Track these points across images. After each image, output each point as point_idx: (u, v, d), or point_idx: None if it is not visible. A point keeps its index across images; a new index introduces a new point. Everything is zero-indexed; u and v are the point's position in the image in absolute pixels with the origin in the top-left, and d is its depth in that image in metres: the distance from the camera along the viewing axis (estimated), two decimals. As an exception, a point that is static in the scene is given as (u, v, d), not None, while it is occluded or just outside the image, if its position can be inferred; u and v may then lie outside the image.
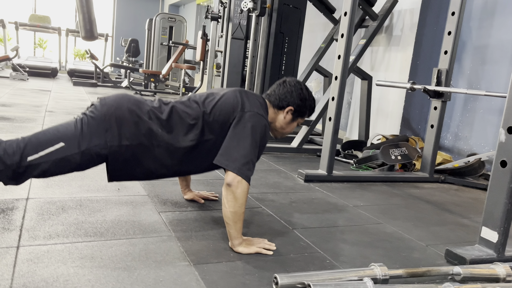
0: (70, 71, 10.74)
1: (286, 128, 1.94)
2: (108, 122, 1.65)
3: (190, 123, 1.76)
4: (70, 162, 1.62)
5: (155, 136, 1.71)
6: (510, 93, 1.77)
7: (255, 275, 1.52)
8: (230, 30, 5.85)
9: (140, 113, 1.71)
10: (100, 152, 1.65)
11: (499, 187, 1.81)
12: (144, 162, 1.73)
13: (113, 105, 1.69)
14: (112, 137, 1.65)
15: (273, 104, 1.89)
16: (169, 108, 1.77)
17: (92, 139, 1.63)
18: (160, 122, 1.73)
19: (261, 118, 1.76)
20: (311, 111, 1.96)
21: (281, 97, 1.88)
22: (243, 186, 1.64)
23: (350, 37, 2.92)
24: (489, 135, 3.76)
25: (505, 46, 3.64)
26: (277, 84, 1.92)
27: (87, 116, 1.68)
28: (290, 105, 1.88)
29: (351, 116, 5.08)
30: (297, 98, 1.88)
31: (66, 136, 1.62)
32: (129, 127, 1.67)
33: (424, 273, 1.63)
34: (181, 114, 1.77)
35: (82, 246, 1.60)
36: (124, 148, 1.67)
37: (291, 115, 1.90)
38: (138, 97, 1.80)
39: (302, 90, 1.90)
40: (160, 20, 10.16)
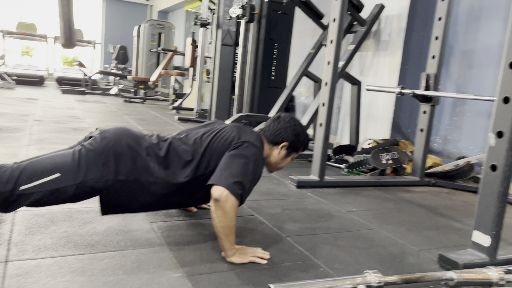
0: (58, 78, 10.65)
1: (281, 163, 1.95)
2: (106, 156, 1.63)
3: (187, 160, 1.76)
4: (63, 194, 1.59)
5: (152, 174, 1.70)
6: (498, 98, 1.79)
7: (249, 285, 1.51)
8: (219, 37, 5.85)
9: (138, 149, 1.70)
10: (95, 185, 1.62)
11: (490, 191, 1.83)
12: (139, 197, 1.72)
13: (112, 140, 1.67)
14: (109, 171, 1.63)
15: (268, 139, 1.91)
16: (167, 145, 1.78)
17: (88, 172, 1.61)
18: (158, 159, 1.73)
19: (256, 150, 1.78)
20: (305, 146, 1.99)
21: (276, 133, 1.90)
22: (232, 201, 1.61)
23: (339, 43, 2.94)
24: (478, 138, 3.80)
25: (491, 50, 3.69)
26: (272, 119, 1.95)
27: (85, 148, 1.65)
28: (284, 141, 1.90)
29: (341, 121, 5.11)
30: (292, 134, 1.90)
31: (62, 167, 1.59)
32: (126, 162, 1.66)
33: (418, 279, 1.62)
34: (178, 151, 1.78)
35: (72, 260, 1.57)
36: (119, 183, 1.65)
37: (286, 151, 1.92)
38: (137, 132, 1.80)
39: (296, 126, 1.92)
40: (148, 26, 10.14)
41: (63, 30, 2.76)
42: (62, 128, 4.55)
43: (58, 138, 3.96)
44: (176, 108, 7.43)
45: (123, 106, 7.66)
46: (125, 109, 7.18)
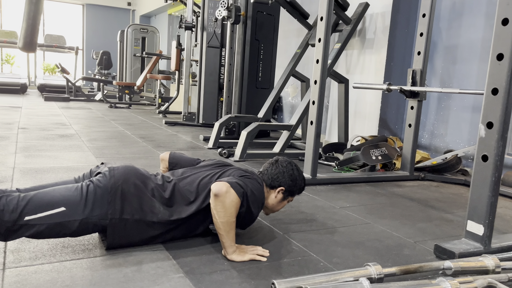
0: (40, 86, 10.48)
1: (277, 206, 1.97)
2: (113, 195, 1.63)
3: (191, 200, 1.78)
4: (66, 228, 1.57)
5: (156, 214, 1.71)
6: (487, 89, 1.83)
7: (251, 283, 1.51)
8: (205, 39, 5.85)
9: (145, 189, 1.71)
10: (98, 222, 1.61)
11: (482, 181, 1.87)
12: (143, 235, 1.72)
13: (120, 178, 1.67)
14: (114, 210, 1.62)
15: (266, 183, 1.92)
16: (172, 187, 1.79)
17: (94, 209, 1.60)
18: (162, 200, 1.74)
19: (260, 186, 1.81)
20: (300, 190, 2.00)
21: (274, 177, 1.91)
22: (231, 196, 1.63)
23: (327, 41, 2.96)
24: (464, 131, 3.87)
25: (474, 45, 3.78)
26: (270, 163, 1.97)
27: (94, 184, 1.64)
28: (281, 185, 1.91)
29: (329, 120, 5.15)
30: (289, 178, 1.91)
31: (68, 202, 1.57)
32: (132, 202, 1.66)
33: (417, 270, 1.65)
34: (183, 192, 1.79)
35: (71, 265, 1.55)
36: (124, 222, 1.65)
37: (282, 195, 1.93)
38: (144, 171, 1.80)
39: (293, 170, 1.94)
40: (132, 31, 10.07)
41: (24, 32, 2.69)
42: (48, 135, 4.48)
43: (45, 145, 3.90)
44: (162, 112, 7.38)
45: (108, 111, 7.58)
46: (111, 114, 7.11)
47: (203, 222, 1.82)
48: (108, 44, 13.69)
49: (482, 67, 3.70)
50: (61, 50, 12.27)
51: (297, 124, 4.16)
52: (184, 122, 6.42)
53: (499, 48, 1.79)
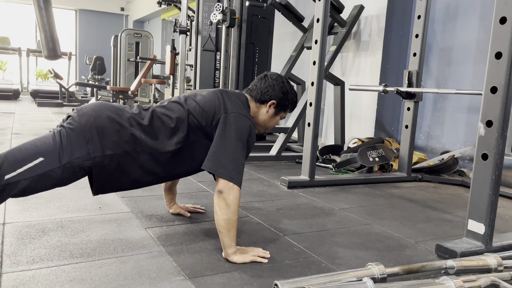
0: (33, 92, 10.39)
1: (269, 122, 1.91)
2: (88, 133, 1.58)
3: (173, 127, 1.72)
4: (51, 178, 1.53)
5: (139, 142, 1.65)
6: (486, 87, 1.84)
7: (253, 284, 1.49)
8: (199, 43, 5.84)
9: (120, 120, 1.65)
10: (83, 164, 1.57)
11: (482, 179, 1.86)
12: (130, 170, 1.67)
13: (92, 115, 1.62)
14: (95, 148, 1.58)
15: (255, 98, 1.87)
16: (150, 113, 1.73)
17: (73, 152, 1.55)
18: (142, 128, 1.68)
19: (245, 119, 1.74)
20: (293, 105, 1.95)
21: (263, 91, 1.85)
22: (235, 192, 1.62)
23: (324, 42, 2.96)
24: (460, 132, 3.89)
25: (468, 46, 3.80)
26: (259, 78, 1.90)
27: (65, 128, 1.60)
28: (272, 99, 1.85)
29: (325, 122, 5.15)
30: (279, 91, 1.86)
31: (45, 151, 1.53)
32: (111, 135, 1.61)
33: (419, 269, 1.64)
34: (163, 118, 1.73)
35: (69, 269, 1.52)
36: (108, 158, 1.60)
37: (274, 109, 1.88)
38: (117, 104, 1.75)
39: (284, 83, 1.88)
40: (125, 36, 10.04)
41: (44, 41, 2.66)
42: (42, 140, 4.42)
43: (40, 150, 3.85)
44: (157, 117, 7.33)
45: (103, 116, 7.51)
46: (106, 119, 7.05)
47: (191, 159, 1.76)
48: (101, 50, 13.63)
49: (477, 68, 3.72)
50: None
51: (294, 126, 4.15)
52: (179, 126, 6.37)
53: (497, 47, 1.79)
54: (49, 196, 2.39)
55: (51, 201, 2.31)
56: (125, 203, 2.36)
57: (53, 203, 2.29)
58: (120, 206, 2.31)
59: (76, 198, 2.41)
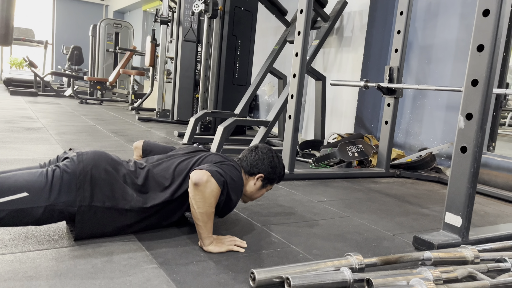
0: (6, 80, 10.05)
1: (255, 194, 1.90)
2: (82, 180, 1.52)
3: (166, 186, 1.70)
4: (28, 215, 1.45)
5: (129, 202, 1.61)
6: (466, 80, 1.83)
7: (229, 273, 1.44)
8: (181, 34, 5.74)
9: (116, 175, 1.61)
10: (65, 209, 1.50)
11: (461, 172, 1.87)
12: (114, 223, 1.62)
13: (90, 163, 1.57)
14: (84, 197, 1.52)
15: (244, 170, 1.86)
16: (145, 173, 1.70)
17: (60, 195, 1.49)
18: (135, 187, 1.65)
19: (238, 173, 1.74)
20: (280, 178, 1.94)
21: (253, 163, 1.85)
22: (212, 185, 1.55)
23: (306, 34, 2.93)
24: (438, 130, 3.93)
25: (448, 45, 3.84)
26: (249, 150, 1.90)
27: (60, 169, 1.53)
28: (260, 172, 1.85)
29: (306, 117, 5.14)
30: (268, 165, 1.85)
31: (32, 187, 1.45)
32: (103, 188, 1.56)
33: (397, 260, 1.63)
34: (157, 178, 1.71)
35: (34, 256, 1.44)
36: (94, 209, 1.54)
37: (261, 182, 1.87)
38: (115, 157, 1.70)
39: (273, 158, 1.88)
40: (105, 26, 9.81)
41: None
42: (13, 127, 4.26)
43: (10, 137, 3.70)
44: (135, 109, 7.20)
45: (79, 107, 7.33)
46: (82, 110, 6.88)
47: (179, 209, 1.74)
48: (79, 39, 13.30)
49: (456, 66, 3.77)
50: (30, 44, 11.86)
51: (274, 120, 4.11)
52: (158, 118, 6.27)
53: (479, 39, 1.79)
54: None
55: (19, 188, 2.20)
56: (98, 191, 2.27)
57: (21, 189, 2.18)
58: (93, 194, 2.22)
59: (46, 185, 2.30)
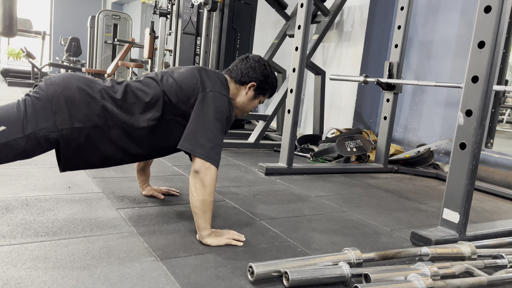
0: (3, 71, 9.98)
1: (247, 105, 1.84)
2: (56, 103, 1.49)
3: (148, 102, 1.64)
4: (13, 148, 1.44)
5: (110, 116, 1.57)
6: (467, 77, 1.83)
7: (227, 267, 1.44)
8: (180, 26, 5.70)
9: (91, 92, 1.56)
10: (49, 136, 1.48)
11: (459, 168, 1.87)
12: (100, 145, 1.59)
13: (60, 85, 1.53)
14: (63, 119, 1.49)
15: (235, 79, 1.80)
16: (123, 87, 1.64)
17: (38, 122, 1.47)
18: (115, 102, 1.60)
19: (224, 98, 1.68)
20: (272, 90, 1.89)
21: (244, 72, 1.79)
22: (212, 173, 1.56)
23: (307, 28, 2.92)
24: (436, 126, 3.93)
25: (449, 41, 3.83)
26: (240, 59, 1.84)
27: (30, 97, 1.51)
28: (252, 81, 1.79)
29: (305, 112, 5.13)
30: (260, 74, 1.80)
31: (7, 119, 1.44)
32: (80, 107, 1.52)
33: (395, 255, 1.63)
34: (137, 93, 1.65)
35: (33, 247, 1.44)
36: (77, 131, 1.52)
37: (253, 92, 1.81)
38: (88, 76, 1.66)
39: (265, 66, 1.82)
40: (103, 17, 9.73)
41: (2, 17, 2.52)
42: (11, 118, 4.24)
43: (8, 128, 3.68)
44: (134, 101, 7.16)
45: (77, 98, 7.28)
46: (80, 101, 6.84)
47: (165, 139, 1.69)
48: (77, 31, 13.19)
49: (456, 63, 3.76)
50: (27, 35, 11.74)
51: (273, 114, 4.11)
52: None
53: (480, 36, 1.79)
54: (15, 173, 2.28)
55: (17, 179, 2.20)
56: (96, 184, 2.27)
57: (18, 181, 2.18)
58: (91, 186, 2.22)
59: (44, 177, 2.30)
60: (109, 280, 1.26)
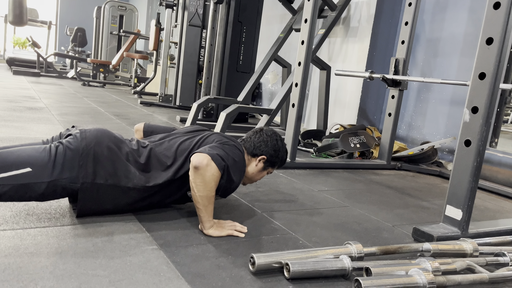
0: (9, 60, 10.01)
1: (256, 176, 1.90)
2: (84, 157, 1.53)
3: (168, 165, 1.70)
4: (31, 191, 1.46)
5: (132, 179, 1.62)
6: (474, 73, 1.82)
7: (228, 257, 1.45)
8: (186, 18, 5.69)
9: (119, 153, 1.61)
10: (68, 186, 1.51)
11: (464, 166, 1.86)
12: (117, 201, 1.64)
13: (93, 140, 1.57)
14: (86, 173, 1.52)
15: (248, 150, 1.86)
16: (147, 152, 1.70)
17: (63, 171, 1.49)
18: (138, 166, 1.66)
19: (240, 153, 1.74)
20: (282, 163, 1.94)
21: (256, 145, 1.85)
22: (213, 169, 1.55)
23: (313, 22, 2.90)
24: (441, 124, 3.91)
25: (456, 39, 3.80)
26: (254, 131, 1.90)
27: (63, 145, 1.53)
28: (263, 154, 1.85)
29: (309, 107, 5.12)
30: (271, 148, 1.85)
31: (35, 162, 1.46)
32: (106, 166, 1.56)
33: (396, 250, 1.63)
34: (160, 157, 1.71)
35: (35, 232, 1.45)
36: (97, 187, 1.55)
37: (263, 164, 1.86)
38: (118, 135, 1.69)
39: (277, 141, 1.88)
40: (109, 8, 9.73)
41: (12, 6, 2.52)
42: (15, 106, 4.25)
43: (12, 116, 3.69)
44: (138, 93, 7.18)
45: (81, 89, 7.31)
46: (84, 92, 6.85)
47: (181, 188, 1.74)
48: (83, 21, 13.19)
49: (462, 61, 3.74)
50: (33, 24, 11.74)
51: (277, 108, 4.09)
52: (160, 103, 6.25)
53: (489, 32, 1.77)
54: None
55: (21, 166, 2.20)
56: (99, 172, 2.27)
57: (22, 168, 2.18)
58: (94, 175, 2.22)
59: (48, 164, 2.30)
60: (111, 267, 1.27)
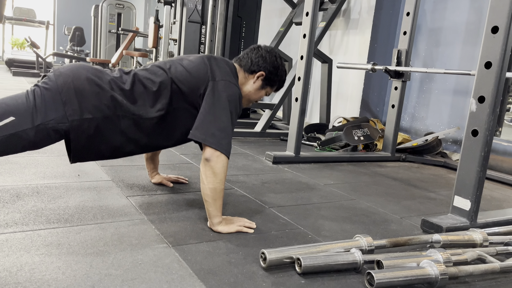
0: (8, 61, 9.97)
1: (254, 95, 1.83)
2: (66, 94, 1.48)
3: (155, 91, 1.64)
4: (22, 139, 1.44)
5: (120, 106, 1.57)
6: (480, 63, 1.80)
7: (239, 253, 1.44)
8: (184, 15, 5.66)
9: (100, 82, 1.55)
10: (58, 127, 1.48)
11: (471, 155, 1.85)
12: (110, 137, 1.59)
13: (70, 75, 1.52)
14: (73, 110, 1.49)
15: (244, 67, 1.79)
16: (131, 77, 1.64)
17: (47, 113, 1.46)
18: (124, 93, 1.59)
19: (234, 88, 1.68)
20: (281, 82, 1.87)
21: (254, 60, 1.78)
22: (223, 161, 1.55)
23: (315, 14, 2.88)
24: (444, 114, 3.90)
25: (458, 28, 3.78)
26: (251, 48, 1.83)
27: (39, 87, 1.50)
28: (261, 70, 1.78)
29: (311, 101, 5.10)
30: (270, 64, 1.79)
31: (16, 110, 1.43)
32: (90, 98, 1.52)
33: (406, 242, 1.63)
34: (145, 82, 1.64)
35: (45, 233, 1.44)
36: (87, 122, 1.51)
37: (261, 81, 1.80)
38: (97, 66, 1.65)
39: (276, 58, 1.81)
40: (107, 6, 9.68)
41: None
42: (18, 108, 4.24)
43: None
44: (139, 91, 7.15)
45: (82, 88, 7.28)
46: (85, 91, 6.83)
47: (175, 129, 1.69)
48: (81, 20, 13.14)
49: (465, 50, 3.72)
50: (31, 24, 11.73)
51: (280, 103, 4.08)
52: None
53: (494, 21, 1.75)
54: (24, 162, 2.29)
55: (26, 167, 2.21)
56: (105, 172, 2.27)
57: (28, 169, 2.19)
58: (100, 174, 2.22)
59: (53, 165, 2.30)
60: (123, 266, 1.27)
